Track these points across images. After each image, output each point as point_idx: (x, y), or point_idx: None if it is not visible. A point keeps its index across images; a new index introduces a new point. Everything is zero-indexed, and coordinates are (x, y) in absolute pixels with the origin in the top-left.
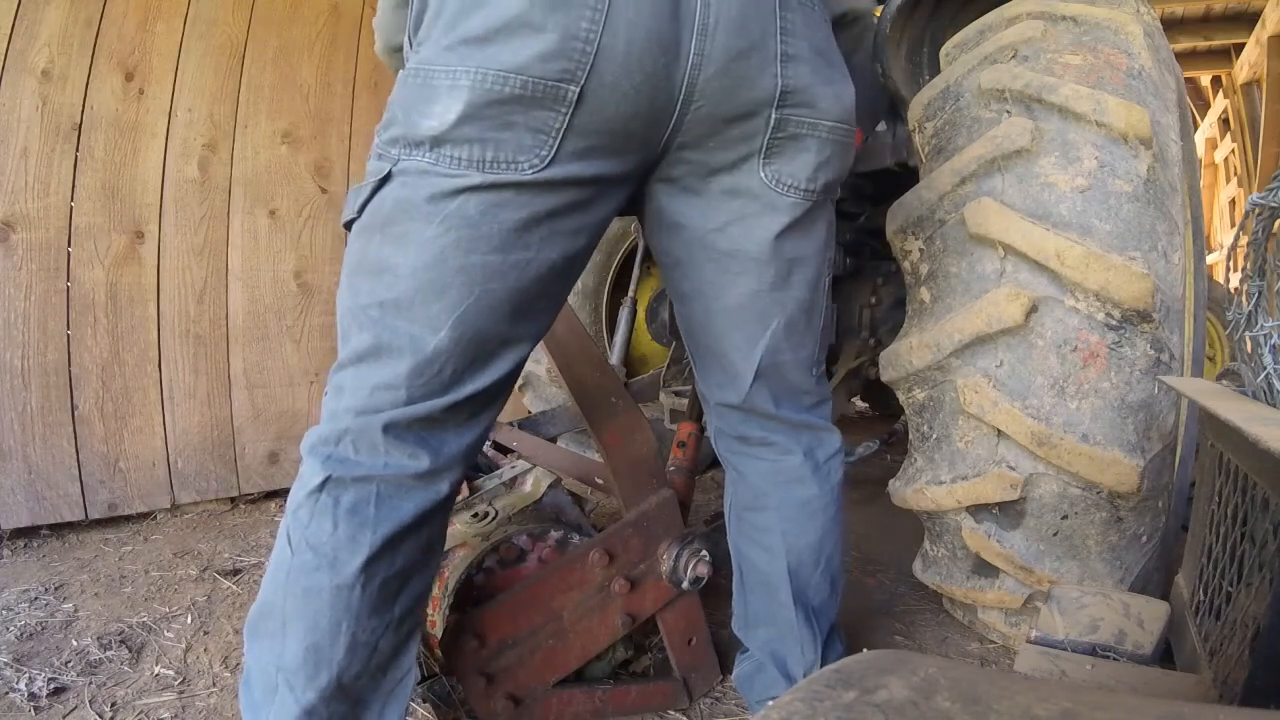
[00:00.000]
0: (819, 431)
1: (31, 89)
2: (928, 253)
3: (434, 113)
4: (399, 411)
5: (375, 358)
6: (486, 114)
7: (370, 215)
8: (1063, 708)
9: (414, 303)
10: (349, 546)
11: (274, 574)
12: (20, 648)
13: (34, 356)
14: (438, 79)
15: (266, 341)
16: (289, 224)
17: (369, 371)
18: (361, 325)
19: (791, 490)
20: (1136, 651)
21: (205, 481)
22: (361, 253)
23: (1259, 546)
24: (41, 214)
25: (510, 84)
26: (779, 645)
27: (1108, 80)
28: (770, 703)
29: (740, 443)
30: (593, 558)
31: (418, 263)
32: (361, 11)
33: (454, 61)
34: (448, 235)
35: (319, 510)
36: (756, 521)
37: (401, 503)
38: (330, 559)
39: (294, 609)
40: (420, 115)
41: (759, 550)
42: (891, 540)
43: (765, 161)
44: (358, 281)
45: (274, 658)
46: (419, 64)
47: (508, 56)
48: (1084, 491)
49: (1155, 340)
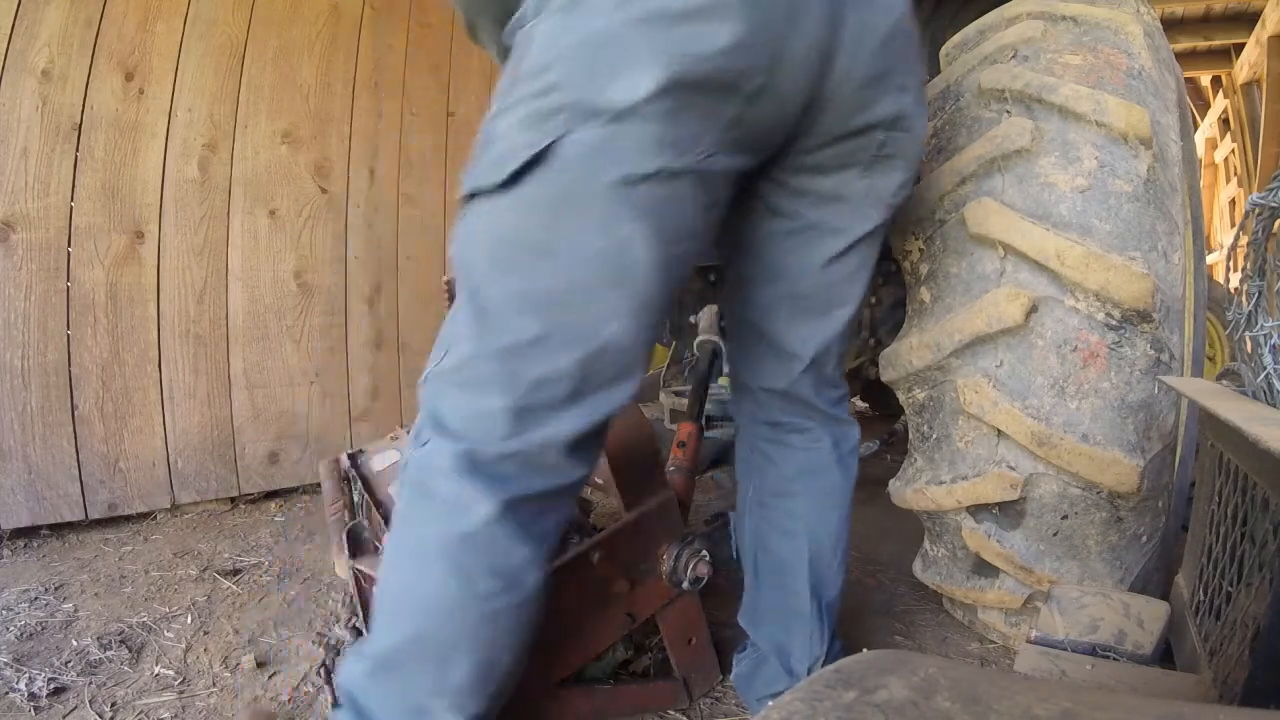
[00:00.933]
0: (844, 424)
1: (31, 89)
2: (928, 253)
3: (619, 85)
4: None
5: (538, 347)
6: (675, 94)
7: (530, 189)
8: (1063, 708)
9: (590, 290)
10: (534, 564)
11: (429, 607)
12: (20, 648)
13: (34, 356)
14: (626, 51)
15: (266, 341)
16: (289, 224)
17: (528, 363)
18: (520, 311)
19: (818, 479)
20: (1136, 651)
21: (205, 481)
22: (519, 231)
23: (1259, 546)
24: (41, 214)
25: (702, 68)
26: (786, 637)
27: (1108, 80)
28: (770, 702)
29: (774, 429)
30: (593, 558)
31: (596, 247)
32: (361, 11)
33: (643, 34)
34: (629, 219)
35: (505, 538)
36: (783, 508)
37: (565, 505)
38: (515, 581)
39: (465, 635)
40: (601, 84)
41: (781, 537)
42: (891, 540)
43: (864, 174)
44: (516, 263)
45: (430, 685)
46: (592, 30)
47: (703, 40)
48: (1084, 491)
49: (1155, 340)
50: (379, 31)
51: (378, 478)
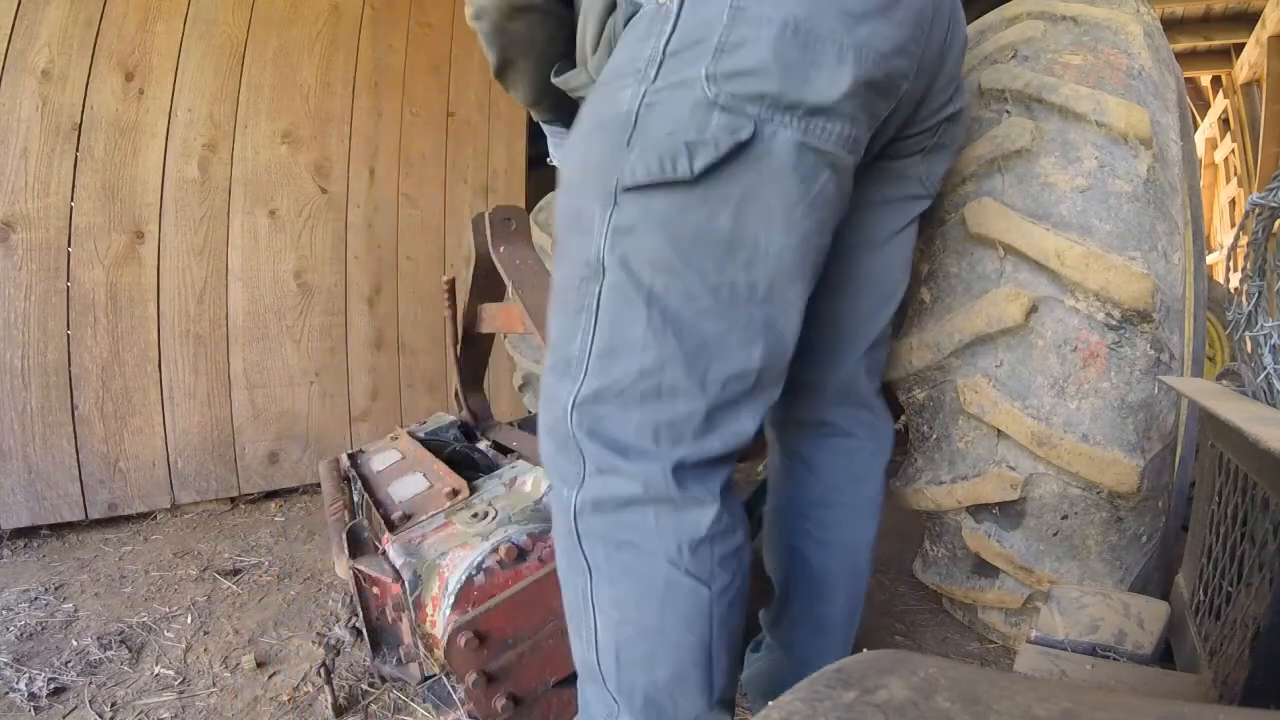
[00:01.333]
0: (886, 424)
1: (31, 89)
2: (928, 252)
3: (821, 79)
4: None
5: (727, 345)
6: (861, 92)
7: (722, 180)
8: (1063, 708)
9: (776, 285)
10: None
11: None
12: (20, 648)
13: (34, 356)
14: (826, 44)
15: (266, 341)
16: (289, 224)
17: (718, 362)
18: (712, 309)
19: (862, 488)
20: (1136, 651)
21: (205, 481)
22: (707, 224)
23: (1259, 546)
24: (41, 214)
25: (881, 68)
26: (812, 648)
27: (1108, 80)
28: (770, 703)
29: (819, 431)
30: None
31: (783, 242)
32: (361, 11)
33: (844, 27)
34: (811, 214)
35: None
36: (823, 519)
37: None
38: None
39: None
40: (802, 78)
41: (818, 549)
42: (891, 540)
43: (923, 159)
44: (706, 259)
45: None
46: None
47: (883, 39)
48: (1084, 491)
49: (1155, 340)
50: (379, 31)
51: (378, 478)
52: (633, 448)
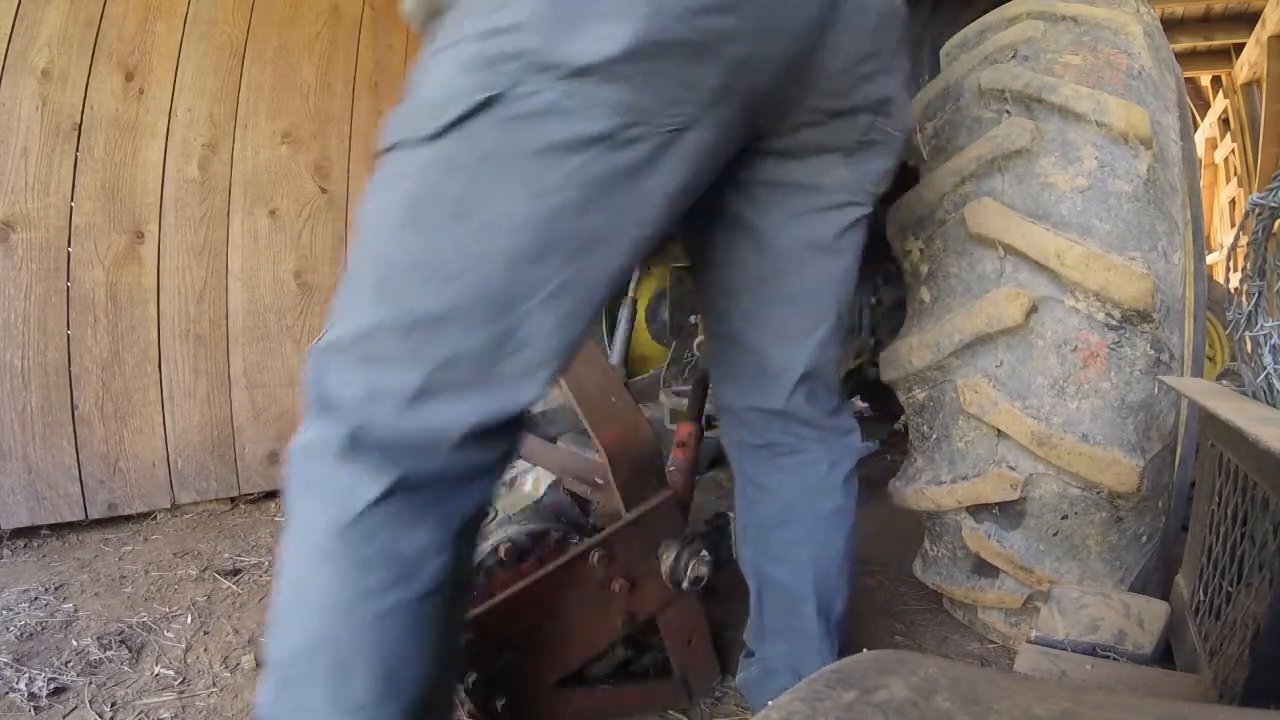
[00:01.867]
0: (843, 436)
1: (31, 89)
2: (928, 253)
3: (589, 35)
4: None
5: (447, 322)
6: (650, 54)
7: (458, 142)
8: (1063, 708)
9: (507, 263)
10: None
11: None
12: (20, 648)
13: (34, 356)
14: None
15: (266, 341)
16: (289, 224)
17: (436, 339)
18: (429, 279)
19: (818, 502)
20: (1136, 651)
21: (205, 481)
22: (438, 188)
23: (1259, 546)
24: (41, 214)
25: (689, 24)
26: (795, 658)
27: (1108, 80)
28: (770, 702)
29: (767, 452)
30: (593, 558)
31: (521, 216)
32: (361, 11)
33: None
34: (564, 187)
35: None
36: (782, 538)
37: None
38: (410, 571)
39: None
40: (569, 33)
41: (782, 567)
42: (891, 540)
43: (847, 159)
44: (429, 224)
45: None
46: None
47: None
48: (1084, 491)
49: (1155, 340)
50: (379, 31)
51: None
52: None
